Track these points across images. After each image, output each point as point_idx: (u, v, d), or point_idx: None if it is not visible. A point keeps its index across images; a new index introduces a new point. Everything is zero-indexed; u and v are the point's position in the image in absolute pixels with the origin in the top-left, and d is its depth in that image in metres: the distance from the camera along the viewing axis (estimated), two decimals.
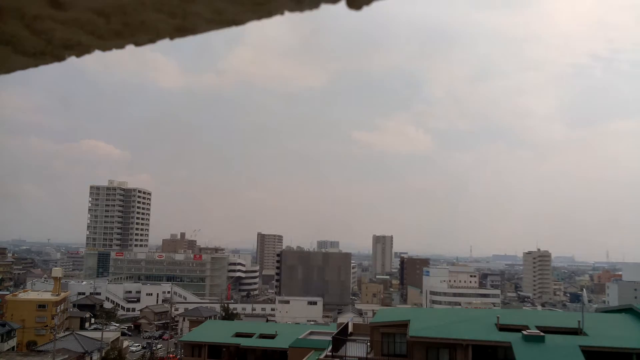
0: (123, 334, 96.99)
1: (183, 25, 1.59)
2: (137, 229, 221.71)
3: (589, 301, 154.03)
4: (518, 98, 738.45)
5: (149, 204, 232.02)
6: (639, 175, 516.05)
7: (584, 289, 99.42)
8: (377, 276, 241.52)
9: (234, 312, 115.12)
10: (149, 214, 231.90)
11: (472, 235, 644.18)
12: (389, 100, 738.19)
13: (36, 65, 1.86)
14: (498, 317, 38.40)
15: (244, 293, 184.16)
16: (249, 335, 58.30)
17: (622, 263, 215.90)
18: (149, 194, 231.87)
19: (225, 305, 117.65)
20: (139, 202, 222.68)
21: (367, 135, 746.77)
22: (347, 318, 79.32)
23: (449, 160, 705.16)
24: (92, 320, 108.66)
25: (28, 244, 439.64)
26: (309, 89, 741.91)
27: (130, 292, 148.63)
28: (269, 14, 1.51)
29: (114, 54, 1.82)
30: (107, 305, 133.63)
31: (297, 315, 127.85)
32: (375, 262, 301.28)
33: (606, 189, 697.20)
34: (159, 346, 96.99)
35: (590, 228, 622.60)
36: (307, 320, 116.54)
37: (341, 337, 41.74)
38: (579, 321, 36.81)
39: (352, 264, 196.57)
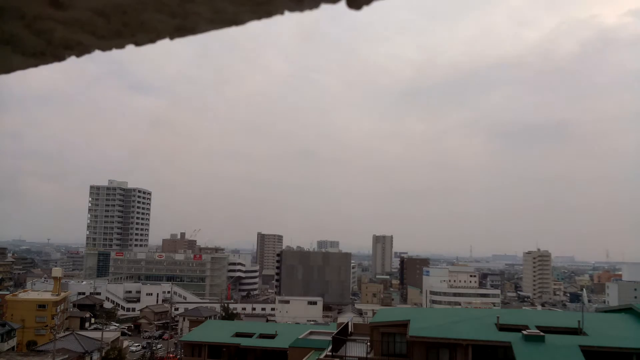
0: (123, 334, 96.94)
1: (183, 25, 1.59)
2: (137, 229, 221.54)
3: (589, 301, 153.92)
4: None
5: (149, 204, 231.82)
6: (639, 175, 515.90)
7: (584, 289, 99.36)
8: (377, 276, 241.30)
9: (234, 312, 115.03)
10: (149, 214, 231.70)
11: (472, 235, 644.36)
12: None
13: (36, 65, 1.86)
14: (498, 317, 38.36)
15: (244, 293, 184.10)
16: (249, 335, 58.26)
17: (622, 263, 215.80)
18: (149, 193, 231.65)
19: (225, 305, 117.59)
20: (139, 202, 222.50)
21: (366, 136, 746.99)
22: (347, 318, 79.34)
23: (449, 160, 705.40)
24: (92, 320, 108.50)
25: (28, 244, 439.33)
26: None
27: (130, 292, 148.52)
28: (268, 14, 1.52)
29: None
30: (107, 305, 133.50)
31: (297, 315, 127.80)
32: (375, 262, 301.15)
33: (606, 188, 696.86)
34: (159, 346, 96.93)
35: (590, 228, 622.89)
36: (307, 320, 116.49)
37: (341, 337, 41.72)
38: (579, 321, 36.77)
39: (352, 264, 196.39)
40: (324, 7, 1.53)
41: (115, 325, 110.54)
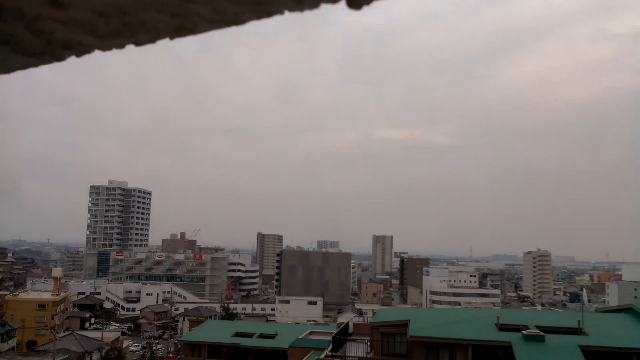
0: (123, 334, 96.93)
1: (183, 25, 1.59)
2: (137, 228, 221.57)
3: (589, 301, 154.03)
4: None
5: (149, 204, 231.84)
6: (638, 176, 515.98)
7: (584, 289, 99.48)
8: (377, 276, 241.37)
9: (234, 312, 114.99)
10: (149, 214, 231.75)
11: (472, 235, 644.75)
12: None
13: (36, 65, 1.87)
14: (498, 317, 38.34)
15: (244, 293, 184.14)
16: (249, 335, 58.29)
17: (622, 263, 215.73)
18: (149, 193, 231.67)
19: (225, 305, 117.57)
20: (139, 202, 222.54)
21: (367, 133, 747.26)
22: (347, 318, 79.42)
23: (449, 160, 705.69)
24: (92, 320, 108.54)
25: (28, 244, 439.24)
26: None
27: (130, 292, 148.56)
28: (269, 13, 1.52)
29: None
30: (107, 305, 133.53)
31: (297, 315, 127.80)
32: (375, 262, 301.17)
33: (606, 188, 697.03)
34: (159, 346, 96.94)
35: (590, 228, 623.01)
36: (307, 320, 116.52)
37: (341, 337, 41.75)
38: (579, 321, 36.76)
39: (352, 264, 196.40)
40: (324, 7, 1.52)
41: (115, 325, 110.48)
